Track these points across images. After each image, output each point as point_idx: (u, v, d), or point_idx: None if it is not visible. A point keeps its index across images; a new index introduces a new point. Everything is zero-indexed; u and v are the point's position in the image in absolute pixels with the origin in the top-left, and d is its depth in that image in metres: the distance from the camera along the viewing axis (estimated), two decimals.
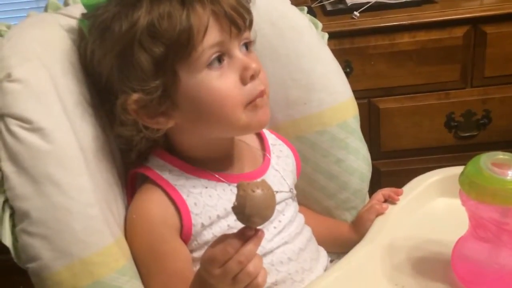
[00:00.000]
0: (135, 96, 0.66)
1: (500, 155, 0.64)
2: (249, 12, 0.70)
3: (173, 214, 0.70)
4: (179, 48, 0.64)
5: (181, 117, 0.69)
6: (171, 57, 0.65)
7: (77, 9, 0.78)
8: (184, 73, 0.66)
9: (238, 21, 0.67)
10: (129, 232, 0.71)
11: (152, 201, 0.71)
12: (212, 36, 0.65)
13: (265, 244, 0.73)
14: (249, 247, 0.57)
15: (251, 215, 0.55)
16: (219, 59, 0.67)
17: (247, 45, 0.71)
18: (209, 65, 0.66)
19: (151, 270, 0.69)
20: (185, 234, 0.70)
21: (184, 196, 0.71)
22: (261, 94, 0.69)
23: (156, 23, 0.64)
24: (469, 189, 0.63)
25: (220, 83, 0.66)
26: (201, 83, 0.66)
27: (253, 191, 0.54)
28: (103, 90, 0.70)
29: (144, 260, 0.70)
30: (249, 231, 0.57)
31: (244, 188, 0.55)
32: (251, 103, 0.68)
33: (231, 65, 0.67)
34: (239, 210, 0.55)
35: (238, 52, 0.68)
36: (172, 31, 0.64)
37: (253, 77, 0.68)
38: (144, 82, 0.66)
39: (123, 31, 0.65)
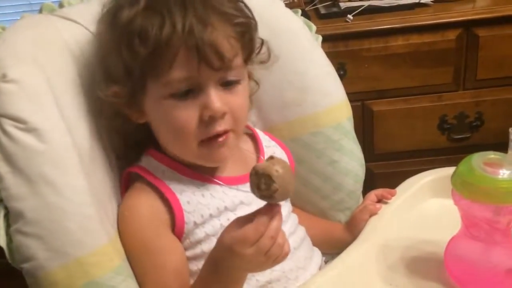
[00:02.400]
0: (112, 88, 0.68)
1: (492, 155, 0.65)
2: (250, 41, 0.70)
3: (165, 212, 0.71)
4: (149, 66, 0.66)
5: (150, 122, 0.72)
6: (142, 71, 0.66)
7: (72, 11, 0.79)
8: (153, 91, 0.68)
9: (213, 60, 0.65)
10: (122, 229, 0.71)
11: (144, 198, 0.71)
12: (180, 70, 0.65)
13: None
14: (276, 221, 0.59)
15: (280, 192, 0.57)
16: (187, 91, 0.67)
17: (232, 81, 0.69)
18: (175, 94, 0.67)
19: (146, 266, 0.70)
20: (177, 232, 0.71)
21: (177, 194, 0.71)
22: (219, 135, 0.69)
23: (134, 36, 0.65)
24: (462, 188, 0.64)
25: (179, 114, 0.67)
26: (163, 107, 0.68)
27: (278, 171, 0.56)
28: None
29: (138, 257, 0.70)
30: (276, 207, 0.59)
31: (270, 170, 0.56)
32: (206, 141, 0.69)
33: (197, 99, 0.67)
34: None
35: (210, 88, 0.67)
36: (143, 49, 0.65)
37: (212, 118, 0.67)
38: (117, 82, 0.68)
39: (117, 26, 0.67)
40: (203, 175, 0.74)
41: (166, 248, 0.70)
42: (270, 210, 0.59)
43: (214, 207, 0.72)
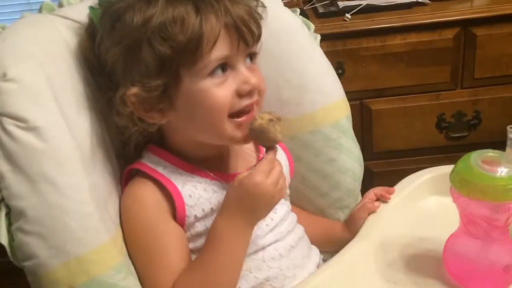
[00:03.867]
0: (134, 90, 0.67)
1: (490, 153, 0.65)
2: (258, 26, 0.71)
3: (167, 203, 0.71)
4: (186, 54, 0.66)
5: (175, 117, 0.71)
6: (177, 61, 0.66)
7: (72, 10, 0.79)
8: (188, 78, 0.67)
9: (247, 36, 0.68)
10: (125, 217, 0.72)
11: (146, 188, 0.72)
12: (221, 49, 0.66)
13: (258, 240, 0.74)
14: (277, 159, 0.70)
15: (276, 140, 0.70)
16: (223, 68, 0.68)
17: (252, 57, 0.72)
18: (212, 73, 0.67)
19: (152, 250, 0.70)
20: (178, 224, 0.71)
21: (179, 188, 0.72)
22: (250, 106, 0.70)
23: (168, 25, 0.65)
24: (460, 186, 0.64)
25: (219, 90, 0.68)
26: (202, 89, 0.68)
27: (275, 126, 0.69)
28: (106, 77, 0.71)
29: (143, 242, 0.70)
30: (275, 149, 0.70)
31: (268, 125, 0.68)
32: (237, 117, 0.70)
33: (233, 76, 0.69)
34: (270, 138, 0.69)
35: (242, 65, 0.69)
36: (182, 37, 0.65)
37: (250, 93, 0.69)
38: (146, 79, 0.67)
39: (134, 26, 0.66)
40: (204, 171, 0.75)
41: (170, 232, 0.71)
42: (274, 151, 0.69)
43: (216, 201, 0.72)
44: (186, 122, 0.71)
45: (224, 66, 0.68)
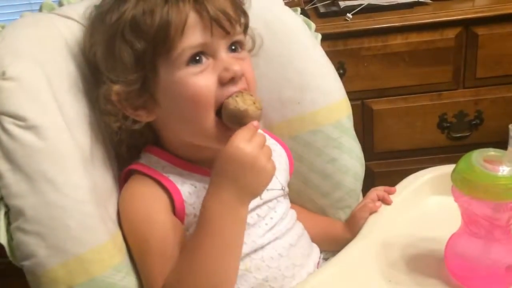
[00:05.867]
0: (115, 87, 0.67)
1: (492, 152, 0.65)
2: (244, 14, 0.70)
3: (167, 200, 0.71)
4: (158, 44, 0.65)
5: (161, 113, 0.70)
6: (151, 53, 0.66)
7: (72, 10, 0.79)
8: (164, 69, 0.67)
9: (224, 22, 0.66)
10: (123, 210, 0.71)
11: (144, 184, 0.72)
12: (193, 37, 0.65)
13: (257, 239, 0.74)
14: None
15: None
16: (201, 57, 0.67)
17: (238, 46, 0.70)
18: (189, 63, 0.66)
19: (149, 242, 0.68)
20: None
21: (178, 186, 0.71)
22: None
23: (138, 18, 0.65)
24: (461, 185, 0.64)
25: (198, 79, 0.66)
26: (179, 79, 0.66)
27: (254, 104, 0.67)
28: (97, 75, 0.71)
29: (140, 234, 0.69)
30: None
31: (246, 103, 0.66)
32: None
33: (213, 65, 0.67)
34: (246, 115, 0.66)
35: (223, 53, 0.68)
36: (151, 27, 0.65)
37: (233, 80, 0.67)
38: (123, 74, 0.67)
39: (111, 23, 0.66)
40: (203, 169, 0.74)
41: (167, 223, 0.69)
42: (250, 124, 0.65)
43: None
44: (172, 120, 0.70)
45: (203, 54, 0.67)
